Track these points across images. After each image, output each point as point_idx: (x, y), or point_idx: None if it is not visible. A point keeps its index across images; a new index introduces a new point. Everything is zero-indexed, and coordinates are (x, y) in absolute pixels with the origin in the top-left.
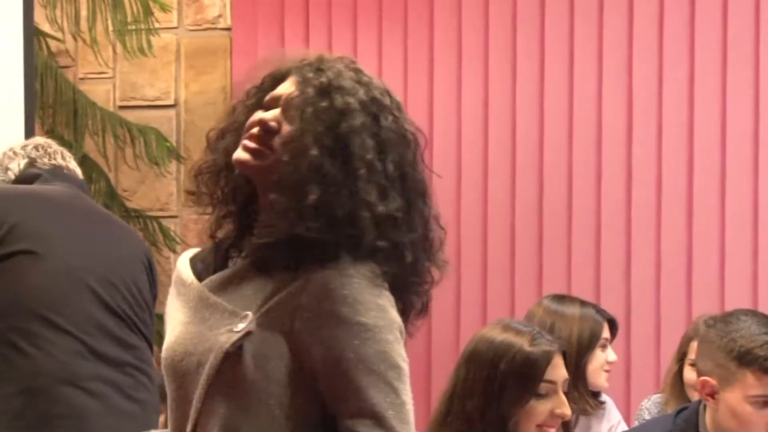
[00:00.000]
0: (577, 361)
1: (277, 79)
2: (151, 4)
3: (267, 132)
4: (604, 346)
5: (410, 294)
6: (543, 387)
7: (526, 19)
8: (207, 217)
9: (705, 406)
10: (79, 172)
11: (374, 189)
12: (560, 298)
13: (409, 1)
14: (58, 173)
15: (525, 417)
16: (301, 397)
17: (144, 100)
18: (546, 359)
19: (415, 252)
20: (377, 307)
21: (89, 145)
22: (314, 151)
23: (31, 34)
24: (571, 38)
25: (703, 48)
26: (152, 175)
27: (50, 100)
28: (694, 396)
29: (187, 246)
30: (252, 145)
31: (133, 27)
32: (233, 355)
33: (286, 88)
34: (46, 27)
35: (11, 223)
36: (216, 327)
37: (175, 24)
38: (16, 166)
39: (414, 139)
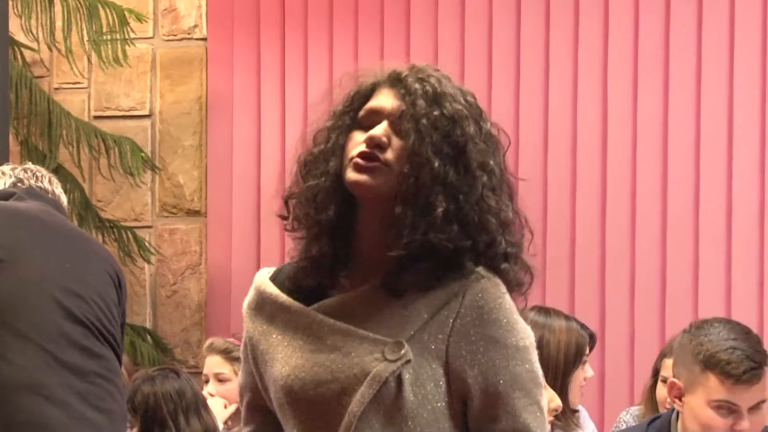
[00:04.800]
0: (563, 377)
1: (365, 95)
2: (127, 14)
3: (377, 147)
4: (584, 362)
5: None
6: None
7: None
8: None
9: (678, 415)
10: (64, 198)
11: (493, 194)
12: (546, 311)
13: (385, 8)
14: (33, 192)
15: None
16: (452, 420)
17: (119, 110)
18: None
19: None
20: (523, 327)
21: (64, 156)
22: (437, 162)
23: (6, 44)
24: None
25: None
26: (127, 186)
27: (25, 110)
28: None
29: (162, 256)
30: (365, 163)
31: (109, 37)
32: (390, 383)
33: (385, 101)
34: (21, 37)
35: None
36: (357, 354)
37: (150, 34)
38: (2, 184)
39: (499, 141)
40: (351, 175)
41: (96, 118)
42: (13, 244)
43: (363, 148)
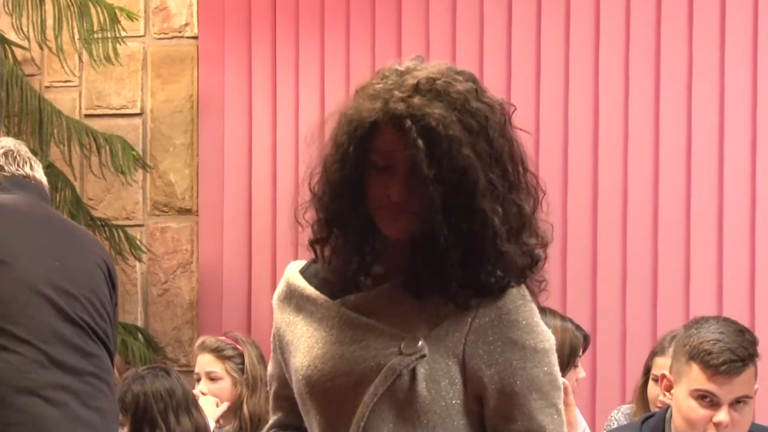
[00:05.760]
0: None
1: (368, 131)
2: (118, 12)
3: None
4: (576, 364)
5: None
6: None
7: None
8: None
9: (672, 414)
10: (44, 181)
11: (510, 218)
12: (541, 310)
13: (377, 6)
14: (17, 182)
15: None
16: (467, 418)
17: (110, 108)
18: None
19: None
20: (543, 330)
21: (55, 154)
22: (446, 228)
23: None
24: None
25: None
26: (118, 184)
27: (15, 108)
28: (657, 410)
29: (153, 254)
30: (393, 216)
31: (100, 35)
32: (404, 377)
33: (390, 145)
34: (11, 35)
35: None
36: (375, 348)
37: (141, 32)
38: None
39: (503, 110)
40: (384, 227)
41: (87, 116)
42: (3, 243)
43: (387, 203)
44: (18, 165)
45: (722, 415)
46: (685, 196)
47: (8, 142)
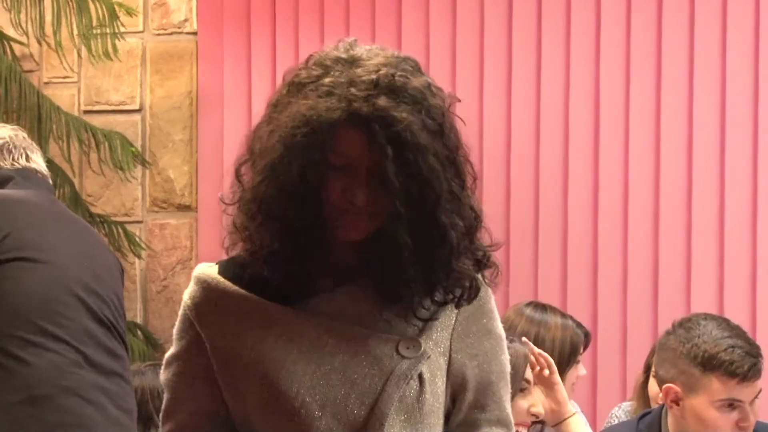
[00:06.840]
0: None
1: (326, 131)
2: (117, 8)
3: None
4: (577, 361)
5: None
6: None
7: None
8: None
9: (667, 410)
10: (44, 168)
11: (467, 224)
12: (542, 307)
13: (376, 4)
14: (29, 176)
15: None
16: (443, 415)
17: (109, 104)
18: (526, 358)
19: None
20: (499, 317)
21: (54, 150)
22: (408, 237)
23: None
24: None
25: (671, 54)
26: (117, 180)
27: (14, 104)
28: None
29: (152, 251)
30: (354, 221)
31: (99, 31)
32: (413, 381)
33: (353, 149)
34: (10, 31)
35: (8, 230)
36: (368, 354)
37: (140, 28)
38: None
39: (447, 103)
40: (342, 230)
41: (86, 112)
42: (39, 242)
43: (348, 206)
44: (13, 159)
45: (750, 416)
46: (686, 195)
47: (3, 132)
